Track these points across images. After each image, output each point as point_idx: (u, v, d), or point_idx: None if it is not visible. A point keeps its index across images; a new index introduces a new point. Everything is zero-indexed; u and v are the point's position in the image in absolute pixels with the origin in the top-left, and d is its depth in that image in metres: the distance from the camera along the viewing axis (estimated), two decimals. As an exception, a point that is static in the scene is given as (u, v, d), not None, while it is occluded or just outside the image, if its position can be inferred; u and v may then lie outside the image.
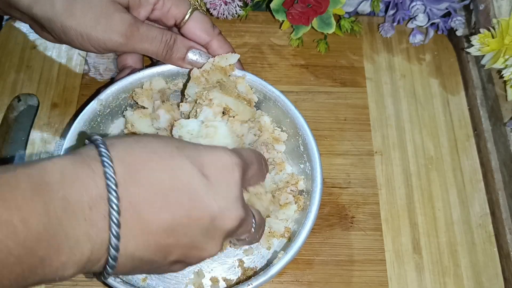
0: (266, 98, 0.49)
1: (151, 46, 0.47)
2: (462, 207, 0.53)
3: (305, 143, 0.48)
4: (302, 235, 0.43)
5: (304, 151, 0.48)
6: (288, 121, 0.49)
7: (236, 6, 0.59)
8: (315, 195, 0.45)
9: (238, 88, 0.49)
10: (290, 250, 0.43)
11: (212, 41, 0.49)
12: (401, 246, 0.51)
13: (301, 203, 0.48)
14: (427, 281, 0.49)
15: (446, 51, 0.62)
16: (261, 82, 0.49)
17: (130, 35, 0.45)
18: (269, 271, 0.42)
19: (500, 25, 0.52)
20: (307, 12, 0.57)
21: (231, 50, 0.51)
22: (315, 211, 0.44)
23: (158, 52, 0.47)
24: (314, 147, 0.47)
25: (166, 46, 0.47)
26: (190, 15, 0.49)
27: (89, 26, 0.44)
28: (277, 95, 0.49)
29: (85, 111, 0.47)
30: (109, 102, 0.49)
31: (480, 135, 0.56)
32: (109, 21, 0.44)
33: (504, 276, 0.50)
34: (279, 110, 0.49)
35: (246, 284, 0.41)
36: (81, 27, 0.44)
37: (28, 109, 0.58)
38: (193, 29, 0.49)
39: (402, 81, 0.60)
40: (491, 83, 0.56)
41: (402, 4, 0.59)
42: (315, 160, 0.46)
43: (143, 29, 0.46)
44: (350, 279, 0.49)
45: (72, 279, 0.47)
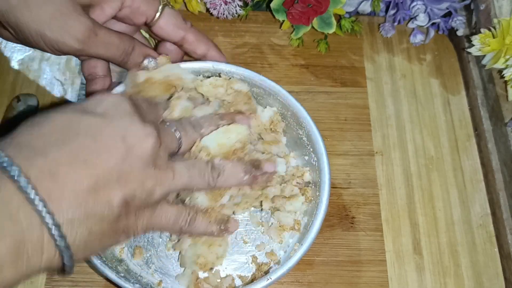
0: (266, 93, 0.49)
1: (107, 52, 0.45)
2: (462, 207, 0.53)
3: (309, 134, 0.47)
4: (315, 225, 0.43)
5: (309, 142, 0.48)
6: (290, 114, 0.49)
7: (236, 6, 0.59)
8: (324, 185, 0.45)
9: (234, 87, 0.48)
10: (305, 241, 0.43)
11: (187, 35, 0.48)
12: (402, 247, 0.51)
13: (309, 195, 0.47)
14: (427, 282, 0.49)
15: (446, 51, 0.62)
16: (260, 78, 0.49)
17: (86, 40, 0.42)
18: (287, 263, 0.42)
19: (500, 25, 0.52)
20: (307, 12, 0.57)
21: (207, 39, 0.49)
22: (325, 200, 0.44)
23: (115, 58, 0.46)
24: (318, 138, 0.46)
25: (123, 53, 0.45)
26: (161, 12, 0.47)
27: (44, 23, 0.41)
28: (278, 90, 0.48)
29: None
30: None
31: (481, 135, 0.56)
32: (65, 22, 0.42)
33: (505, 276, 0.50)
34: (280, 104, 0.49)
35: (265, 278, 0.41)
36: (35, 24, 0.41)
37: (27, 109, 0.58)
38: (165, 26, 0.47)
39: (403, 81, 0.60)
40: (491, 83, 0.55)
41: (402, 4, 0.59)
42: (320, 150, 0.46)
43: (101, 34, 0.43)
44: (350, 280, 0.49)
45: (73, 279, 0.47)
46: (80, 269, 0.48)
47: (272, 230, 0.48)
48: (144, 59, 0.47)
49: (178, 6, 0.61)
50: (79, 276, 0.48)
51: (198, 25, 0.62)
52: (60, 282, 0.47)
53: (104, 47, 0.44)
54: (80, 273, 0.48)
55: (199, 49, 0.49)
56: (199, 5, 0.61)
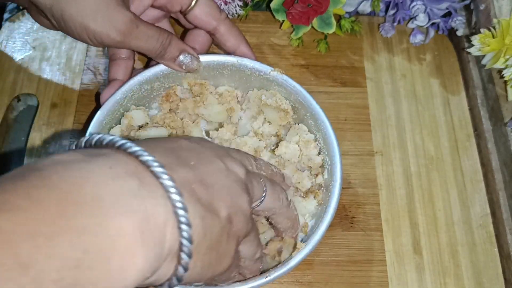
0: (288, 93, 0.50)
1: (146, 44, 0.46)
2: (462, 207, 0.53)
3: (325, 137, 0.47)
4: (321, 228, 0.43)
5: (324, 145, 0.48)
6: (309, 115, 0.49)
7: (236, 6, 0.59)
8: (334, 190, 0.45)
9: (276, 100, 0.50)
10: (310, 243, 0.43)
11: (219, 25, 0.49)
12: (402, 247, 0.51)
13: (320, 198, 0.47)
14: (427, 282, 0.49)
15: (446, 51, 0.62)
16: (283, 77, 0.49)
17: (128, 33, 0.44)
18: (288, 263, 0.42)
19: (500, 25, 0.52)
20: (307, 12, 0.57)
21: (238, 33, 0.50)
22: (334, 205, 0.44)
23: (152, 51, 0.46)
24: (334, 142, 0.46)
25: (161, 46, 0.46)
26: (196, 0, 0.48)
27: (89, 17, 0.43)
28: (299, 90, 0.49)
29: (108, 102, 0.47)
30: (132, 93, 0.49)
31: (481, 135, 0.56)
32: (109, 14, 0.43)
33: (505, 276, 0.50)
34: (300, 105, 0.49)
35: (264, 276, 0.41)
36: (80, 16, 0.43)
37: (27, 109, 0.58)
38: (199, 15, 0.48)
39: (403, 81, 0.60)
40: (491, 83, 0.55)
41: (402, 4, 0.59)
42: (335, 155, 0.46)
43: (142, 27, 0.45)
44: (350, 280, 0.49)
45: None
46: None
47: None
48: (180, 54, 0.47)
49: (178, 6, 0.61)
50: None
51: (198, 25, 0.62)
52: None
53: (143, 40, 0.45)
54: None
55: (229, 42, 0.50)
56: (199, 5, 0.61)
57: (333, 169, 0.46)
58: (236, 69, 0.50)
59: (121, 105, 0.49)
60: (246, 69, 0.50)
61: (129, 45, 0.45)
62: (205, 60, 0.49)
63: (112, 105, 0.47)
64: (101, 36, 0.44)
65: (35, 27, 0.61)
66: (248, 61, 0.49)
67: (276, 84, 0.50)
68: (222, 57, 0.50)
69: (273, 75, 0.49)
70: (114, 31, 0.43)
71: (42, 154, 0.53)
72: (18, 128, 0.57)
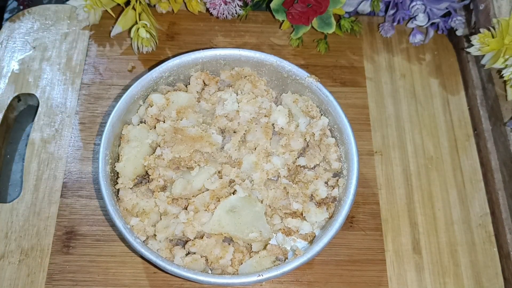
0: (320, 101, 0.50)
1: None
2: (462, 207, 0.53)
3: (347, 152, 0.47)
4: (323, 240, 0.43)
5: (345, 160, 0.48)
6: (336, 127, 0.49)
7: (236, 6, 0.59)
8: (345, 206, 0.45)
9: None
10: (309, 252, 0.43)
11: None
12: (401, 246, 0.51)
13: (331, 211, 0.47)
14: (427, 281, 0.49)
15: (446, 51, 0.62)
16: (318, 85, 0.49)
17: None
18: (283, 267, 0.42)
19: (500, 25, 0.52)
20: (307, 12, 0.57)
21: None
22: (341, 220, 0.44)
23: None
24: (355, 159, 0.46)
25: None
26: None
27: None
28: (331, 100, 0.49)
29: (143, 78, 0.49)
30: (168, 74, 0.50)
31: (480, 135, 0.56)
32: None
33: (504, 276, 0.50)
34: (329, 114, 0.49)
35: (257, 274, 0.41)
36: None
37: (28, 109, 0.58)
38: None
39: (402, 81, 0.60)
40: (491, 83, 0.55)
41: (402, 4, 0.59)
42: (353, 174, 0.46)
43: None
44: (350, 279, 0.49)
45: (72, 279, 0.47)
46: (80, 269, 0.48)
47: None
48: None
49: (178, 6, 0.61)
50: (79, 275, 0.48)
51: (198, 25, 0.62)
52: (60, 282, 0.47)
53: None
54: (80, 272, 0.48)
55: None
56: (199, 5, 0.61)
57: (348, 186, 0.46)
58: (274, 70, 0.51)
59: (155, 83, 0.50)
60: (284, 71, 0.50)
61: None
62: (245, 54, 0.50)
63: (147, 82, 0.49)
64: None
65: (35, 27, 0.61)
66: (287, 63, 0.50)
67: (310, 91, 0.50)
68: (262, 55, 0.50)
69: (309, 81, 0.49)
70: None
71: (43, 154, 0.53)
72: (18, 128, 0.57)
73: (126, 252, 0.49)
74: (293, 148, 0.49)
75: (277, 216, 0.46)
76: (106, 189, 0.43)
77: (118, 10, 0.60)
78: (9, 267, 0.48)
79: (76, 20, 0.61)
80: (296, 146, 0.49)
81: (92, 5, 0.58)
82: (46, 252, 0.48)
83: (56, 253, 0.48)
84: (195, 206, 0.45)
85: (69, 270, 0.48)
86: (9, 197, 0.52)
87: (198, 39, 0.61)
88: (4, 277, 0.47)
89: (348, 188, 0.45)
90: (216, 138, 0.47)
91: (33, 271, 0.48)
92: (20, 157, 0.54)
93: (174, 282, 0.48)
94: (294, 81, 0.50)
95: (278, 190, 0.47)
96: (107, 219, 0.50)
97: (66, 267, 0.48)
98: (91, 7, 0.58)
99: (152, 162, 0.46)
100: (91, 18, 0.59)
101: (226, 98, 0.49)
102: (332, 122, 0.49)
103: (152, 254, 0.42)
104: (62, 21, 0.61)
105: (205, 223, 0.44)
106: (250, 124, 0.49)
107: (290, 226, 0.46)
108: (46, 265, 0.48)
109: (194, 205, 0.45)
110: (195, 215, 0.44)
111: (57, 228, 0.50)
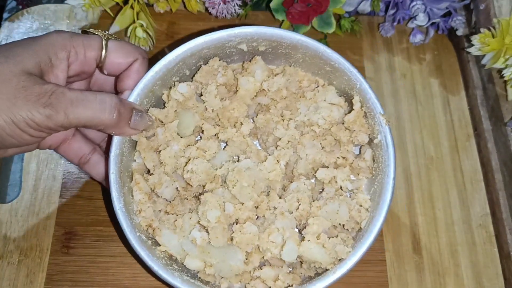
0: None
1: (88, 111, 0.38)
2: (462, 207, 0.53)
3: (380, 190, 0.43)
4: (332, 276, 0.41)
5: (376, 195, 0.44)
6: (381, 160, 0.44)
7: (235, 5, 0.59)
8: (353, 258, 0.41)
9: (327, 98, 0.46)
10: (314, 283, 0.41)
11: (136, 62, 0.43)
12: (401, 246, 0.51)
13: (350, 248, 0.42)
14: (427, 281, 0.49)
15: (446, 50, 0.62)
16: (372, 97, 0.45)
17: (56, 102, 0.37)
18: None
19: (500, 25, 0.52)
20: (307, 11, 0.57)
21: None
22: (355, 260, 0.41)
23: (103, 118, 0.39)
24: (387, 202, 0.42)
25: (112, 108, 0.39)
26: (106, 45, 0.42)
27: (7, 106, 0.36)
28: (389, 143, 0.44)
29: (156, 65, 0.44)
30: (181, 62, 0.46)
31: (481, 135, 0.56)
32: (28, 94, 0.36)
33: (505, 276, 0.50)
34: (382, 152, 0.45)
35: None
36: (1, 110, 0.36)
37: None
38: (115, 59, 0.42)
39: (402, 81, 0.60)
40: (491, 83, 0.55)
41: (402, 4, 0.59)
42: (385, 203, 0.42)
43: (71, 93, 0.38)
44: (350, 280, 0.49)
45: (72, 279, 0.47)
46: (79, 269, 0.48)
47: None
48: (132, 113, 0.42)
49: (176, 5, 0.61)
50: (79, 276, 0.48)
51: (198, 24, 0.62)
52: (60, 282, 0.47)
53: (81, 104, 0.38)
54: (80, 272, 0.48)
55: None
56: (198, 5, 0.61)
57: (374, 220, 0.42)
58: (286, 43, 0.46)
59: (175, 73, 0.46)
60: (355, 89, 0.45)
61: (67, 119, 0.37)
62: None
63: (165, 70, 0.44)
64: (33, 119, 0.36)
65: (34, 26, 0.60)
66: (368, 90, 0.44)
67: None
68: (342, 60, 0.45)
69: (379, 119, 0.44)
70: (40, 107, 0.36)
71: (42, 153, 0.53)
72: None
73: (126, 253, 0.49)
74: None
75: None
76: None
77: (117, 10, 0.60)
78: (8, 267, 0.48)
79: (75, 20, 0.61)
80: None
81: (90, 4, 0.58)
82: (46, 252, 0.48)
83: (55, 253, 0.48)
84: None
85: (68, 270, 0.48)
86: (8, 197, 0.52)
87: (198, 39, 0.61)
88: (3, 278, 0.47)
89: (374, 226, 0.42)
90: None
91: (32, 271, 0.48)
92: (19, 157, 0.54)
93: (173, 283, 0.48)
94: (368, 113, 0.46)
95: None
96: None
97: (66, 268, 0.48)
98: (89, 6, 0.58)
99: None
100: (89, 17, 0.59)
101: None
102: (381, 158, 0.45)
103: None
104: (61, 21, 0.61)
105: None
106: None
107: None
108: (46, 266, 0.48)
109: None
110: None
111: (56, 229, 0.49)
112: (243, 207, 0.43)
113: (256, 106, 0.48)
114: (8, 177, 0.54)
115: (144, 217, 0.43)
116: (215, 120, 0.47)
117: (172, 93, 0.45)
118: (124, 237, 0.41)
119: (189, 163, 0.44)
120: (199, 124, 0.46)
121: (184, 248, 0.42)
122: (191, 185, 0.44)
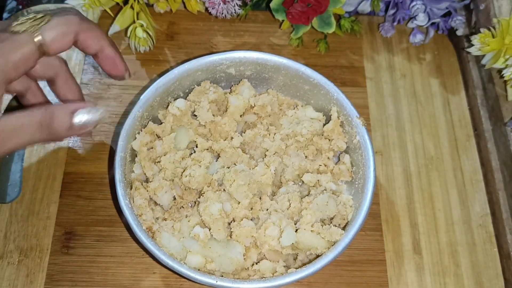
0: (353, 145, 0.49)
1: (21, 138, 0.36)
2: (462, 207, 0.53)
3: (363, 182, 0.46)
4: (313, 267, 0.42)
5: (359, 190, 0.47)
6: (361, 158, 0.47)
7: (235, 5, 0.59)
8: (346, 240, 0.43)
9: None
10: (305, 269, 0.42)
11: (79, 34, 0.41)
12: (401, 247, 0.51)
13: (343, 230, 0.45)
14: (427, 282, 0.49)
15: (446, 50, 0.62)
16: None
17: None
18: (275, 279, 0.41)
19: (500, 25, 0.52)
20: (307, 11, 0.57)
21: (100, 33, 0.42)
22: (334, 254, 0.42)
23: (34, 138, 0.36)
24: (371, 180, 0.45)
25: (42, 126, 0.36)
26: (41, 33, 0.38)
27: None
28: (368, 148, 0.47)
29: (160, 80, 0.48)
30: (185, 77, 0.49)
31: (481, 135, 0.56)
32: None
33: (505, 276, 0.50)
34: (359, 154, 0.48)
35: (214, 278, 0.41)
36: None
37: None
38: (55, 38, 0.39)
39: (402, 81, 0.60)
40: (491, 83, 0.55)
41: (402, 4, 0.59)
42: (367, 194, 0.45)
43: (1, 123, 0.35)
44: (350, 280, 0.49)
45: (72, 279, 0.47)
46: (79, 269, 0.48)
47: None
48: (73, 116, 0.37)
49: (176, 5, 0.61)
50: (79, 276, 0.48)
51: (197, 24, 0.62)
52: (60, 282, 0.47)
53: (14, 135, 0.36)
54: (80, 272, 0.48)
55: (90, 49, 0.43)
56: (198, 5, 0.61)
57: (361, 206, 0.45)
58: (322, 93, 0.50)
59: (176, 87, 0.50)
60: (332, 101, 0.49)
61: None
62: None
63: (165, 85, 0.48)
64: None
65: (34, 26, 0.60)
66: (344, 99, 0.49)
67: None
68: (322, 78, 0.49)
69: (356, 122, 0.48)
70: None
71: (42, 153, 0.53)
72: (17, 127, 0.57)
73: (126, 253, 0.49)
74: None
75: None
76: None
77: (117, 10, 0.60)
78: (8, 267, 0.48)
79: (75, 20, 0.61)
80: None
81: (90, 4, 0.58)
82: (46, 252, 0.48)
83: (55, 253, 0.48)
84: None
85: (68, 270, 0.48)
86: (8, 197, 0.52)
87: (198, 39, 0.61)
88: (3, 278, 0.47)
89: (361, 212, 0.44)
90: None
91: (32, 271, 0.48)
92: (19, 157, 0.54)
93: (174, 283, 0.48)
94: (343, 117, 0.49)
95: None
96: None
97: (66, 268, 0.48)
98: (89, 6, 0.58)
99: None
100: (89, 17, 0.59)
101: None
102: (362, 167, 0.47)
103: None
104: (61, 21, 0.61)
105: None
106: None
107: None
108: (46, 266, 0.48)
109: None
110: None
111: (56, 229, 0.49)
112: (239, 206, 0.45)
113: (244, 124, 0.52)
114: (8, 177, 0.54)
115: (144, 220, 0.45)
116: (207, 136, 0.50)
117: (170, 108, 0.49)
118: (127, 236, 0.41)
119: (187, 169, 0.46)
120: (193, 139, 0.50)
121: (185, 245, 0.44)
122: (190, 187, 0.46)
